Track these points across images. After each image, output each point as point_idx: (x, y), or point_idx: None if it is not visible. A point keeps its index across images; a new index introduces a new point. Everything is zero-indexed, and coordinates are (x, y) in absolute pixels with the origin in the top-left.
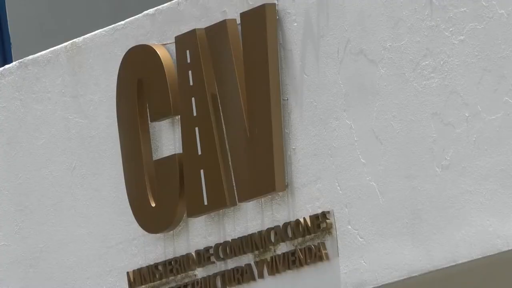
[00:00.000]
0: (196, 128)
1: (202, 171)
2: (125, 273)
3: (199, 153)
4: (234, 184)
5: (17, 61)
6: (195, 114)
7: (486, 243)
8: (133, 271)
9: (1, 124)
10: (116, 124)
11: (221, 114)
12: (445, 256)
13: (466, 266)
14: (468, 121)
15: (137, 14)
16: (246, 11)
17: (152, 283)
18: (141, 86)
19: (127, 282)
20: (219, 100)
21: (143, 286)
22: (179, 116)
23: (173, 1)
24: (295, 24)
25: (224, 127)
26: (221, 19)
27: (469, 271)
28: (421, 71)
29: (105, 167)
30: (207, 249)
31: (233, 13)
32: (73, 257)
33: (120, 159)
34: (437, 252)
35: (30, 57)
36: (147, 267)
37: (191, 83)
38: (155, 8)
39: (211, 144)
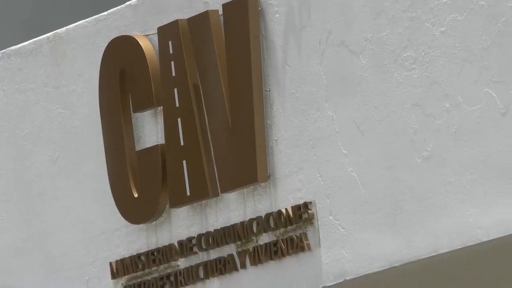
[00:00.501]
0: (179, 119)
1: (184, 161)
2: (108, 264)
3: (182, 143)
4: (216, 175)
5: None
6: (177, 105)
7: (466, 234)
8: (116, 261)
9: None
10: (99, 114)
11: (204, 105)
12: (426, 246)
13: (446, 256)
14: (448, 112)
15: (120, 5)
16: (228, 2)
17: (135, 274)
18: (124, 76)
19: (110, 272)
20: (201, 91)
21: (126, 276)
22: (162, 107)
23: None
24: (277, 15)
25: (206, 118)
26: (203, 10)
27: (449, 261)
28: (402, 62)
29: (88, 157)
30: (189, 239)
31: (216, 4)
32: (57, 248)
33: (102, 149)
34: (418, 243)
35: (13, 47)
36: (130, 257)
37: (173, 74)
38: None
39: (193, 135)
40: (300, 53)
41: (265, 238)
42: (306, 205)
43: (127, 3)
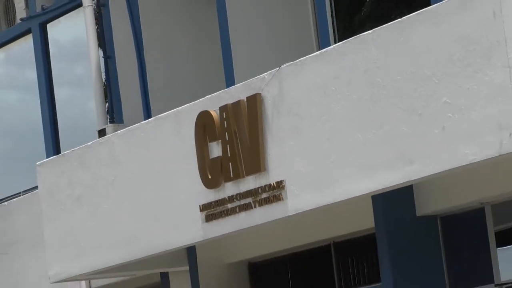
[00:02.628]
0: (228, 145)
1: (230, 163)
2: (198, 205)
3: (229, 155)
4: (243, 168)
5: (153, 117)
6: (227, 139)
7: (343, 190)
8: (201, 204)
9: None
10: (195, 144)
11: (239, 141)
12: (328, 197)
13: (339, 202)
14: (333, 140)
15: (200, 98)
16: (248, 96)
17: (210, 210)
18: (204, 127)
19: (199, 209)
20: (237, 134)
21: (206, 211)
22: (220, 140)
23: (217, 92)
24: (269, 101)
25: (240, 145)
26: (238, 99)
27: (338, 206)
28: (320, 126)
29: (191, 162)
30: (232, 195)
31: (243, 97)
32: (177, 199)
33: (196, 159)
34: (327, 196)
35: (160, 115)
36: (208, 203)
37: (225, 126)
38: (210, 95)
39: (234, 152)
40: (279, 117)
41: (264, 195)
42: (281, 182)
43: (206, 97)
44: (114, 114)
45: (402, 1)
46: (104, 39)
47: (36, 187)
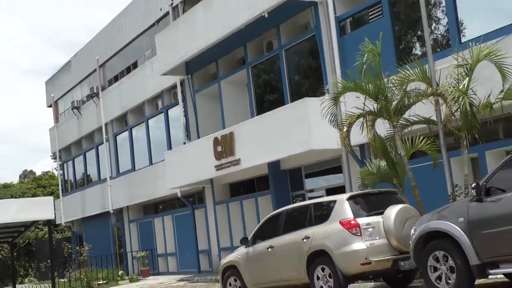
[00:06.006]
0: (223, 148)
1: (224, 153)
2: (214, 166)
3: (224, 150)
4: (228, 154)
5: (200, 138)
6: (223, 145)
7: (257, 161)
8: (215, 165)
9: None
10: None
11: (227, 146)
12: (253, 163)
13: (255, 165)
14: (258, 146)
15: (215, 132)
16: (229, 132)
17: (218, 167)
18: (216, 142)
19: (214, 166)
20: (226, 144)
21: (216, 167)
22: (221, 146)
23: (220, 131)
24: (236, 134)
25: (227, 148)
26: (226, 133)
27: (256, 166)
28: (253, 143)
29: (212, 153)
30: (224, 163)
31: (228, 133)
32: (208, 164)
33: (213, 152)
34: (253, 162)
35: (203, 137)
36: (217, 165)
37: (222, 142)
38: (218, 131)
39: (226, 149)
40: (239, 139)
41: (234, 163)
42: (239, 159)
43: (216, 132)
44: (187, 137)
45: (279, 102)
46: (184, 111)
47: (163, 160)
